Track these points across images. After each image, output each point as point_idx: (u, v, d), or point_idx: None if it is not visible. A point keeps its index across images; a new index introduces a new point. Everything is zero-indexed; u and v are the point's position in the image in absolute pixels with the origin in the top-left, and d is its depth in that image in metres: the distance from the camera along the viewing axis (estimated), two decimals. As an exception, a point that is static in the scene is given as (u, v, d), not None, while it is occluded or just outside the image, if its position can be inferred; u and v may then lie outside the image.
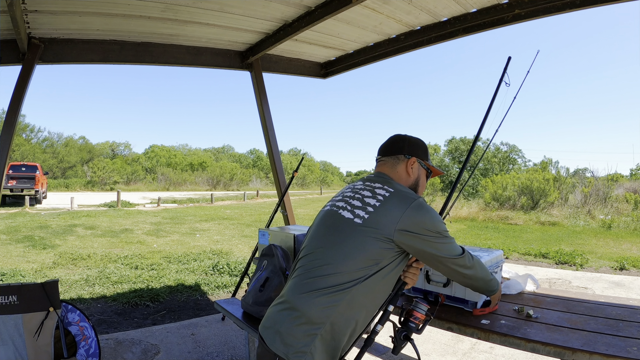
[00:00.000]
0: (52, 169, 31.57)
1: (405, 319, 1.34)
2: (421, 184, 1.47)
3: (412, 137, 1.49)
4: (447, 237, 1.30)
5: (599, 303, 1.91)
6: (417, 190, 1.44)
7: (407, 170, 1.42)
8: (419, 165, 1.45)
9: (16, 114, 2.76)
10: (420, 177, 1.46)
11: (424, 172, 1.48)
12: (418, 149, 1.46)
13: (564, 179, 16.41)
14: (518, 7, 2.51)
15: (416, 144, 1.47)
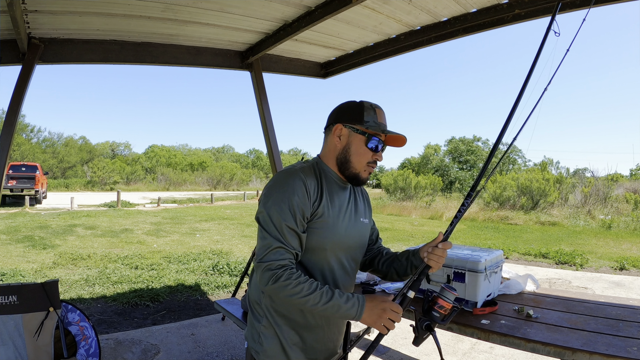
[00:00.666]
0: (52, 169, 31.56)
1: (429, 308, 1.20)
2: (355, 152, 1.21)
3: (343, 103, 1.28)
4: (266, 217, 1.12)
5: (599, 303, 1.91)
6: (350, 160, 1.22)
7: (334, 139, 1.23)
8: (348, 131, 1.22)
9: (16, 114, 2.76)
10: (351, 144, 1.22)
11: (361, 138, 1.21)
12: (344, 114, 1.24)
13: (564, 179, 16.41)
14: (518, 7, 2.51)
15: (343, 109, 1.26)
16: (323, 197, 1.18)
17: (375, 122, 1.21)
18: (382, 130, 1.21)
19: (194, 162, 40.67)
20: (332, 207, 1.20)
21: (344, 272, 1.26)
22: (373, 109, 1.23)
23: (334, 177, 1.25)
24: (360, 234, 1.31)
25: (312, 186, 1.15)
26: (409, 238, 9.77)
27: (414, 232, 10.82)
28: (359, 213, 1.32)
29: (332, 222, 1.19)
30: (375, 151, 1.22)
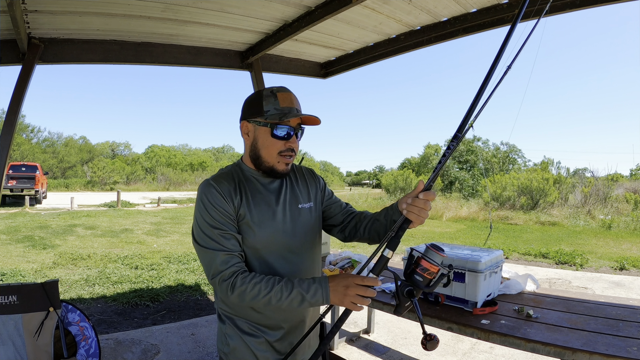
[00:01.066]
0: (52, 169, 31.56)
1: (412, 271, 1.04)
2: (263, 145, 1.17)
3: (246, 98, 1.24)
4: (199, 233, 1.13)
5: (599, 303, 1.91)
6: (260, 154, 1.18)
7: (244, 138, 1.23)
8: (253, 125, 1.17)
9: (16, 114, 2.76)
10: (258, 139, 1.17)
11: (265, 130, 1.15)
12: (246, 109, 1.20)
13: (564, 179, 16.41)
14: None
15: (245, 104, 1.22)
16: (242, 199, 1.15)
17: (276, 108, 1.14)
18: (280, 117, 1.12)
19: (194, 162, 40.68)
20: (255, 206, 1.16)
21: (290, 266, 1.19)
22: (273, 95, 1.15)
23: (254, 175, 1.21)
24: (303, 222, 1.24)
25: (226, 191, 1.13)
26: (409, 238, 9.77)
27: (414, 232, 10.82)
28: (297, 200, 1.25)
29: (258, 221, 1.14)
30: (286, 139, 1.16)
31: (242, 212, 1.14)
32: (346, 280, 1.04)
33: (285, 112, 1.14)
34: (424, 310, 1.89)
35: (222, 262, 1.08)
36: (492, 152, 31.91)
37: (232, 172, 1.21)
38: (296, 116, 1.13)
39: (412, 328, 3.59)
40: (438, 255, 1.02)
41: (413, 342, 3.34)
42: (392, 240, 1.03)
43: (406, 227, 1.05)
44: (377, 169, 75.00)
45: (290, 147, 1.17)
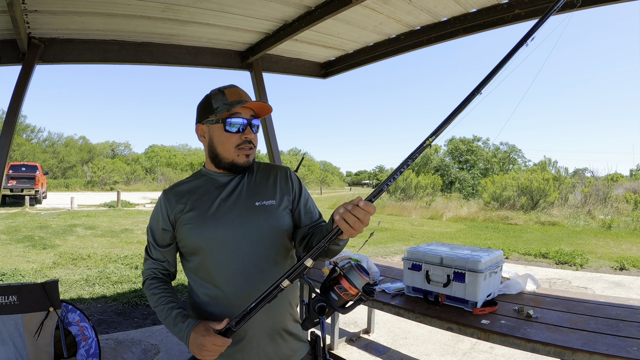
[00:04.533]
0: (52, 169, 31.56)
1: (329, 287, 0.94)
2: (218, 142, 1.17)
3: (197, 106, 1.26)
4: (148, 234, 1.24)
5: (599, 303, 1.91)
6: (218, 152, 1.18)
7: (202, 141, 1.24)
8: (207, 126, 1.19)
9: (16, 114, 2.76)
10: (213, 137, 1.18)
11: (218, 127, 1.16)
12: (198, 113, 1.22)
13: (564, 179, 16.41)
14: (518, 7, 2.51)
15: (197, 109, 1.24)
16: (187, 203, 1.17)
17: (225, 103, 1.15)
18: (228, 108, 1.13)
19: (194, 162, 40.70)
20: (200, 205, 1.16)
21: (241, 264, 1.12)
22: (221, 92, 1.18)
23: (212, 175, 1.23)
24: (259, 219, 1.16)
25: (172, 199, 1.19)
26: (408, 238, 9.76)
27: (414, 232, 10.82)
28: (255, 196, 1.19)
29: (202, 219, 1.14)
30: (241, 132, 1.16)
31: (185, 217, 1.16)
32: (204, 339, 1.01)
33: (234, 104, 1.14)
34: (424, 310, 1.89)
35: (145, 263, 1.25)
36: (492, 152, 31.90)
37: (190, 179, 1.26)
38: (242, 104, 1.14)
39: (412, 328, 3.59)
40: (361, 278, 0.92)
41: (413, 342, 3.34)
42: (315, 249, 0.94)
43: (335, 239, 0.93)
44: (377, 169, 75.02)
45: (247, 138, 1.17)
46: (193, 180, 1.24)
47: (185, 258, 1.21)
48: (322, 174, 51.22)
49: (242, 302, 1.05)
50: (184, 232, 1.15)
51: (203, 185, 1.21)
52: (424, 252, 2.09)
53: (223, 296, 1.13)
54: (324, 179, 49.15)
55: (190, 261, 1.19)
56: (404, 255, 2.17)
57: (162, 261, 1.22)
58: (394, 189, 22.01)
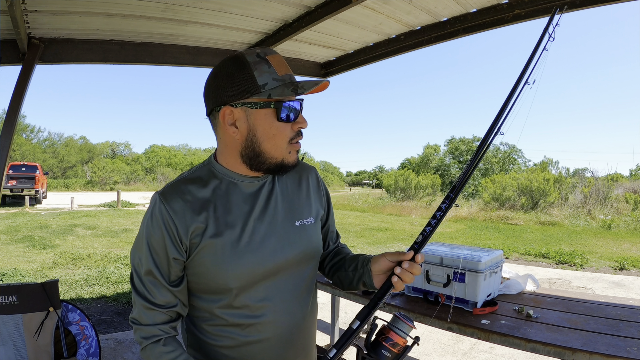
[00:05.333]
0: (52, 169, 31.58)
1: (377, 342, 0.85)
2: (266, 136, 0.84)
3: (217, 71, 0.86)
4: (131, 265, 0.87)
5: (599, 303, 1.91)
6: (263, 149, 0.85)
7: (228, 131, 0.85)
8: (244, 110, 0.83)
9: (16, 114, 2.76)
10: (256, 127, 0.83)
11: (267, 113, 0.83)
12: (226, 87, 0.83)
13: (564, 179, 16.41)
14: (518, 7, 2.51)
15: (221, 80, 0.84)
16: (210, 218, 0.84)
17: (275, 79, 0.82)
18: (293, 88, 0.81)
19: (194, 162, 40.70)
20: (228, 229, 0.84)
21: (281, 315, 0.89)
22: (265, 61, 0.82)
23: (233, 178, 0.88)
24: (300, 245, 0.91)
25: (181, 210, 0.82)
26: (408, 238, 9.77)
27: (414, 232, 10.82)
28: (291, 213, 0.93)
29: (234, 254, 0.83)
30: (295, 119, 0.85)
31: (208, 243, 0.82)
32: None
33: (287, 81, 0.83)
34: (424, 311, 1.89)
35: (142, 315, 0.83)
36: (492, 152, 31.90)
37: (200, 177, 0.88)
38: (315, 87, 0.83)
39: (412, 328, 3.59)
40: (408, 326, 0.86)
41: (413, 342, 3.34)
42: (369, 311, 0.85)
43: (388, 294, 0.87)
44: (377, 169, 75.07)
45: (301, 127, 0.87)
46: (207, 183, 0.87)
47: (197, 295, 0.88)
48: (322, 174, 51.25)
49: (284, 344, 0.89)
50: (205, 266, 0.83)
51: (226, 194, 0.87)
52: (424, 252, 2.09)
53: (262, 340, 0.87)
54: (324, 179, 49.16)
55: (208, 300, 0.87)
56: (404, 255, 2.17)
57: (173, 306, 0.84)
58: (394, 189, 22.02)
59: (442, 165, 33.44)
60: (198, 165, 0.94)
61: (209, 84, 0.86)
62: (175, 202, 0.83)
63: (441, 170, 32.41)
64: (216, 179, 0.89)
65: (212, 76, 0.86)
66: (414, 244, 0.86)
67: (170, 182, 0.88)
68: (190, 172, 0.91)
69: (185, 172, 0.93)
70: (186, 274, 0.86)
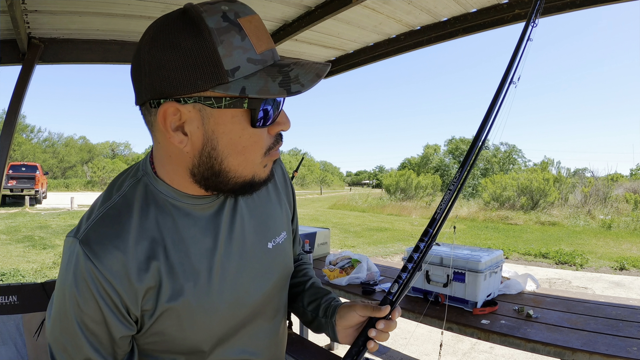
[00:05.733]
0: (52, 169, 31.60)
1: None
2: (229, 147, 0.57)
3: (147, 49, 0.54)
4: (50, 342, 0.69)
5: (599, 303, 1.91)
6: (227, 168, 0.58)
7: (169, 136, 0.57)
8: (194, 110, 0.55)
9: (16, 114, 2.76)
10: (217, 135, 0.56)
11: (234, 115, 0.56)
12: (165, 75, 0.53)
13: (564, 179, 16.42)
14: (518, 7, 2.51)
15: (157, 65, 0.53)
16: (162, 269, 0.59)
17: (253, 59, 0.54)
18: (283, 80, 0.53)
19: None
20: (188, 274, 0.61)
21: (268, 349, 0.76)
22: (235, 26, 0.53)
23: (186, 200, 0.63)
24: (276, 271, 0.74)
25: (121, 271, 0.56)
26: (408, 238, 9.77)
27: (414, 232, 10.82)
28: (264, 233, 0.72)
29: (198, 305, 0.62)
30: (274, 120, 0.58)
31: (169, 307, 0.60)
32: None
33: (269, 63, 0.55)
34: (424, 311, 1.89)
35: None
36: (492, 152, 31.92)
37: (133, 203, 0.60)
38: (317, 78, 0.54)
39: (412, 328, 3.59)
40: None
41: (413, 342, 3.34)
42: None
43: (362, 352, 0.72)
44: (377, 169, 75.10)
45: (283, 129, 0.61)
46: (146, 212, 0.60)
47: (156, 357, 0.66)
48: (322, 174, 51.25)
49: None
50: (166, 333, 0.62)
51: (175, 227, 0.61)
52: (424, 252, 2.08)
53: None
54: (324, 179, 49.16)
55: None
56: (403, 255, 2.17)
57: None
58: (394, 190, 22.01)
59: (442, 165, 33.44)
60: (127, 181, 0.63)
61: (141, 60, 0.54)
62: (109, 257, 0.55)
63: (441, 170, 32.41)
64: (157, 204, 0.61)
65: (146, 45, 0.53)
66: (388, 294, 0.72)
67: (91, 215, 0.61)
68: (120, 196, 0.61)
69: (113, 194, 0.62)
70: (138, 342, 0.63)
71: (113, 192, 0.63)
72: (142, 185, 0.63)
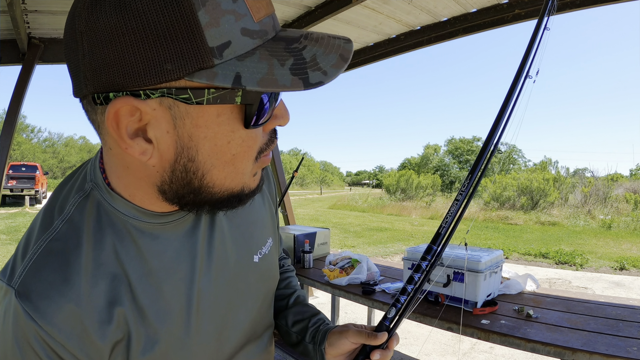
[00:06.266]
0: (52, 169, 31.60)
1: None
2: (214, 156, 0.42)
3: (86, 14, 0.35)
4: None
5: (599, 303, 1.91)
6: (208, 180, 0.43)
7: (124, 144, 0.40)
8: (162, 107, 0.38)
9: (16, 114, 2.76)
10: (197, 142, 0.40)
11: (221, 113, 0.39)
12: (115, 60, 0.35)
13: (564, 179, 16.42)
14: (518, 7, 2.51)
15: (103, 41, 0.35)
16: (128, 315, 0.45)
17: (250, 29, 0.38)
18: (296, 63, 0.38)
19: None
20: (162, 315, 0.48)
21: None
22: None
23: (152, 219, 0.48)
24: (262, 286, 0.63)
25: (76, 327, 0.42)
26: (408, 238, 9.77)
27: (414, 232, 10.83)
28: (249, 245, 0.60)
29: (180, 348, 0.50)
30: (269, 115, 0.44)
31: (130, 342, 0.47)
32: None
33: (269, 34, 0.40)
34: (424, 311, 1.89)
35: None
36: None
37: (81, 229, 0.45)
38: (342, 63, 0.40)
39: (412, 328, 3.59)
40: None
41: (413, 342, 3.34)
42: None
43: None
44: (377, 169, 75.13)
45: (280, 124, 0.47)
46: (100, 240, 0.45)
47: None
48: (322, 174, 51.27)
49: None
50: None
51: (140, 256, 0.47)
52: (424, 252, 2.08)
53: None
54: (324, 179, 49.18)
55: None
56: (404, 255, 2.17)
57: None
58: (394, 189, 22.02)
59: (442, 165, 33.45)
60: (71, 197, 0.47)
61: (76, 33, 0.37)
62: (59, 314, 0.41)
63: (441, 170, 32.42)
64: (115, 227, 0.46)
65: (84, 10, 0.36)
66: (384, 319, 0.63)
67: (27, 250, 0.43)
68: (63, 221, 0.45)
69: (54, 218, 0.45)
70: None
71: (54, 215, 0.46)
72: (93, 203, 0.46)
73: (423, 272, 0.65)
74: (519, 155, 33.37)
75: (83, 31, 0.36)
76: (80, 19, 0.37)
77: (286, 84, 0.37)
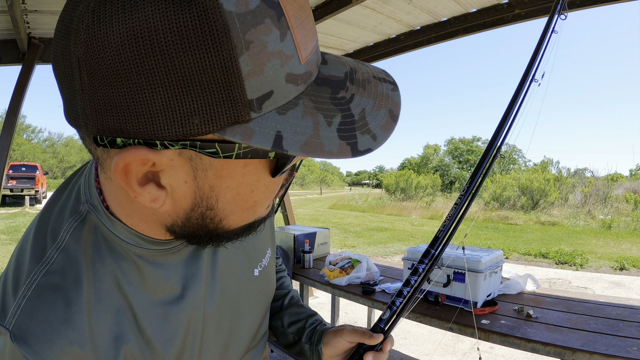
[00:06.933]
0: (52, 169, 31.62)
1: None
2: (235, 204, 0.38)
3: (82, 44, 0.28)
4: None
5: (599, 303, 1.91)
6: (226, 224, 0.40)
7: (130, 191, 0.34)
8: (182, 159, 0.33)
9: (16, 114, 2.76)
10: (218, 193, 0.36)
11: (247, 165, 0.35)
12: (126, 106, 0.28)
13: (564, 179, 16.43)
14: (518, 7, 2.51)
15: (108, 79, 0.28)
16: (134, 350, 0.42)
17: (295, 73, 0.31)
18: (341, 125, 0.33)
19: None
20: (167, 343, 0.46)
21: None
22: (270, 8, 0.28)
23: (154, 247, 0.44)
24: (260, 301, 0.63)
25: None
26: (408, 238, 9.77)
27: (414, 232, 10.83)
28: (249, 260, 0.59)
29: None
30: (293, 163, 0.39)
31: None
32: None
33: (312, 76, 0.34)
34: (424, 311, 1.89)
35: None
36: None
37: (81, 267, 0.40)
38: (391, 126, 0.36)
39: (412, 328, 3.59)
40: None
41: (413, 342, 3.34)
42: None
43: None
44: (377, 169, 75.14)
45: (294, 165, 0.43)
46: (97, 274, 0.40)
47: None
48: (322, 173, 51.26)
49: None
50: None
51: (143, 282, 0.44)
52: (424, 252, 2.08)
53: None
54: (324, 179, 49.18)
55: None
56: (404, 255, 2.17)
57: None
58: (394, 189, 22.03)
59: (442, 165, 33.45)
60: (65, 222, 0.42)
61: (72, 59, 0.29)
62: (60, 357, 0.37)
63: (441, 170, 32.42)
64: (115, 254, 0.42)
65: (82, 32, 0.28)
66: (379, 321, 0.63)
67: (18, 283, 0.39)
68: (58, 250, 0.40)
69: (47, 246, 0.41)
70: None
71: (47, 242, 0.41)
72: (90, 228, 0.42)
73: (420, 276, 0.65)
74: (519, 155, 33.40)
75: (81, 58, 0.28)
76: (78, 40, 0.28)
77: (333, 151, 0.32)
